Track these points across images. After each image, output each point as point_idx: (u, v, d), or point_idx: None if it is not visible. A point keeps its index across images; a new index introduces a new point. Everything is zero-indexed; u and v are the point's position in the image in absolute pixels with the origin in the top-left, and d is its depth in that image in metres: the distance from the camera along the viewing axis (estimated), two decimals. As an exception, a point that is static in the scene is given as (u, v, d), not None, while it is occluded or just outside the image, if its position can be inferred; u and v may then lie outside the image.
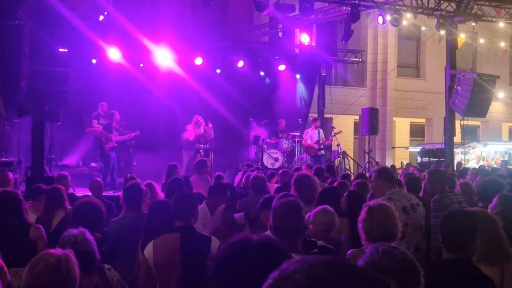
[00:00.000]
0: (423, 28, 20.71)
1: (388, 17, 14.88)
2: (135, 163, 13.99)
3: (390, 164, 17.40)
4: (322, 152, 15.13)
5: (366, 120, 16.56)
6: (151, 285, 3.91)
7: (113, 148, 12.47)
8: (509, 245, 3.42)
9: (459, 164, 15.67)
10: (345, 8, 15.39)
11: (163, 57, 14.64)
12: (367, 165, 16.23)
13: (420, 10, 15.45)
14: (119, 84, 14.39)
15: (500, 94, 22.38)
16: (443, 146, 15.81)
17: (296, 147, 15.95)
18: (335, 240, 4.48)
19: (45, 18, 9.96)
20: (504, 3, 15.74)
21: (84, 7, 13.51)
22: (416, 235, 5.12)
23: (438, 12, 15.22)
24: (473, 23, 15.70)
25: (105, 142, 12.38)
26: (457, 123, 15.51)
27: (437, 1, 15.20)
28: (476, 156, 20.36)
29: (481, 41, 20.13)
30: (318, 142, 14.85)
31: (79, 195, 9.09)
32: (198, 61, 15.47)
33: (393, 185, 5.27)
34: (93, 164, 14.17)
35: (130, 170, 12.67)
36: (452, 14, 15.11)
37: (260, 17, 19.43)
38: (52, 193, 5.48)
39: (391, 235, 3.48)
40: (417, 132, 25.37)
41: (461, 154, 18.41)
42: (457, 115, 15.03)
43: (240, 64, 16.34)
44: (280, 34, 18.31)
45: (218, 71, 16.41)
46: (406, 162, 18.50)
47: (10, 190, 5.50)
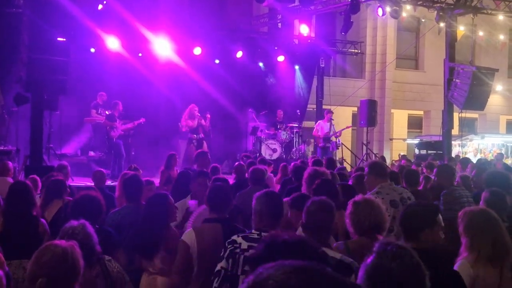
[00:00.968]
0: (423, 20, 20.70)
1: (388, 9, 14.86)
2: (133, 153, 13.98)
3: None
4: (329, 144, 15.27)
5: (365, 112, 16.57)
6: (189, 271, 3.95)
7: (120, 136, 12.49)
8: (510, 246, 3.46)
9: (457, 157, 15.70)
10: (345, -1, 15.38)
11: (162, 47, 14.59)
12: (365, 157, 16.27)
13: (420, 2, 15.42)
14: (118, 74, 14.32)
15: (498, 87, 22.36)
16: (441, 138, 15.85)
17: (294, 138, 15.98)
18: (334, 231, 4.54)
19: (44, 7, 9.93)
20: (504, -4, 15.73)
21: (83, -4, 13.45)
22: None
23: (438, 4, 15.19)
24: (473, 16, 15.68)
25: (110, 130, 12.36)
26: (455, 116, 15.55)
27: (437, -6, 15.19)
28: (474, 149, 20.40)
29: (480, 34, 20.09)
30: (327, 135, 15.08)
31: (77, 185, 9.15)
32: (197, 51, 15.42)
33: (384, 179, 5.41)
34: (92, 154, 14.17)
35: (129, 160, 12.69)
36: (452, 7, 15.07)
37: (260, 8, 19.34)
38: (53, 186, 5.48)
39: (378, 226, 3.73)
40: (415, 124, 25.41)
41: (459, 147, 18.47)
42: (455, 107, 15.05)
43: (239, 55, 16.30)
44: (279, 25, 18.25)
45: (217, 61, 16.38)
46: (402, 154, 18.52)
47: (22, 181, 5.51)
